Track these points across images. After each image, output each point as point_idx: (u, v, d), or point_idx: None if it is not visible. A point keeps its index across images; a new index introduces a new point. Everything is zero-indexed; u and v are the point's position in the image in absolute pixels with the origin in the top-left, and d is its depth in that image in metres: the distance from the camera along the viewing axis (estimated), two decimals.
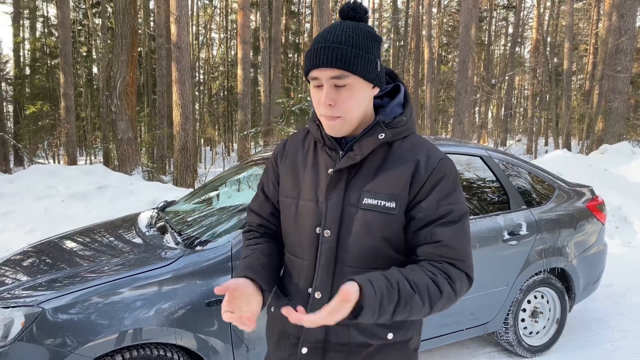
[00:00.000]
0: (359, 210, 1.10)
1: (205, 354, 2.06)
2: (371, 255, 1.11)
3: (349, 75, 1.03)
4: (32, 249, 2.68)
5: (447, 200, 1.09)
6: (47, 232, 4.74)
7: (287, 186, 1.21)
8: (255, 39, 20.93)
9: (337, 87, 1.05)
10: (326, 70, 1.03)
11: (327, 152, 1.16)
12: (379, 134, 1.10)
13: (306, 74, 1.09)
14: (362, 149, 1.10)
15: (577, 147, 18.94)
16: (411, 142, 1.14)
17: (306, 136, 1.25)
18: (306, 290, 1.16)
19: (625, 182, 7.04)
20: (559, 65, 20.53)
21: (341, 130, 1.09)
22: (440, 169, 1.10)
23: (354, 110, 1.07)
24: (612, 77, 11.65)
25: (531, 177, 3.23)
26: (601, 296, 3.98)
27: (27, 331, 1.80)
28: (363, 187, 1.10)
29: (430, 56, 20.67)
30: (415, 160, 1.10)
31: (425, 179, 1.09)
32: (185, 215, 2.90)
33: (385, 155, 1.12)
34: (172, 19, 8.81)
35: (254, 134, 13.23)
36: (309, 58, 1.06)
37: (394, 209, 1.09)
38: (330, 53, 1.02)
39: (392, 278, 0.99)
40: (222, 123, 27.85)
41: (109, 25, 17.03)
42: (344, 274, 1.11)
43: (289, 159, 1.24)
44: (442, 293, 1.03)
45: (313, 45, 1.06)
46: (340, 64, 1.02)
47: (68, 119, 13.47)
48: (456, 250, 1.08)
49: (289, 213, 1.19)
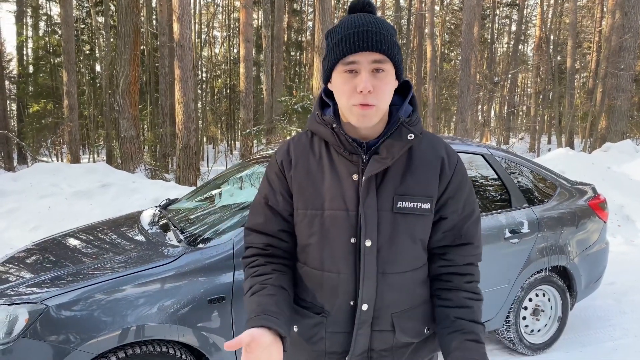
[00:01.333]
0: (393, 214, 1.07)
1: (208, 350, 2.07)
2: (409, 258, 1.11)
3: (388, 61, 1.01)
4: (35, 247, 2.70)
5: (470, 198, 1.14)
6: (50, 229, 4.77)
7: (306, 197, 1.11)
8: (258, 37, 20.94)
9: (373, 73, 1.00)
10: (369, 54, 0.99)
11: (346, 157, 1.08)
12: (406, 134, 1.07)
13: (337, 60, 1.02)
14: (392, 152, 1.06)
15: (580, 145, 18.88)
16: (428, 140, 1.14)
17: (312, 141, 1.15)
18: (348, 304, 1.10)
19: (628, 181, 7.02)
20: (562, 63, 20.48)
21: (372, 120, 1.03)
22: (460, 166, 1.13)
23: (387, 99, 1.04)
24: (616, 75, 11.61)
25: (533, 175, 3.23)
26: (603, 294, 3.98)
27: (30, 328, 1.82)
28: (394, 191, 1.07)
29: (433, 54, 20.63)
30: (440, 158, 1.11)
31: (450, 177, 1.11)
32: (188, 213, 2.91)
33: (408, 156, 1.10)
34: (175, 17, 8.82)
35: (256, 132, 13.25)
36: (346, 42, 1.00)
37: (429, 209, 1.09)
38: (373, 37, 0.99)
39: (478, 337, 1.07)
40: (225, 121, 27.87)
41: (111, 23, 17.06)
42: (386, 281, 1.09)
43: (300, 167, 1.12)
44: (481, 300, 1.15)
45: (347, 31, 1.00)
46: (383, 47, 0.99)
47: (71, 117, 13.51)
48: (480, 247, 1.17)
49: (314, 226, 1.10)
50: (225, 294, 2.07)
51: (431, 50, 20.52)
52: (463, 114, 12.30)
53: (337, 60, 1.02)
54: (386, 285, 1.09)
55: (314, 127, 1.13)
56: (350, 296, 1.09)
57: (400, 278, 1.10)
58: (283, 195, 1.14)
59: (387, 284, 1.09)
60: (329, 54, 1.04)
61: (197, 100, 18.88)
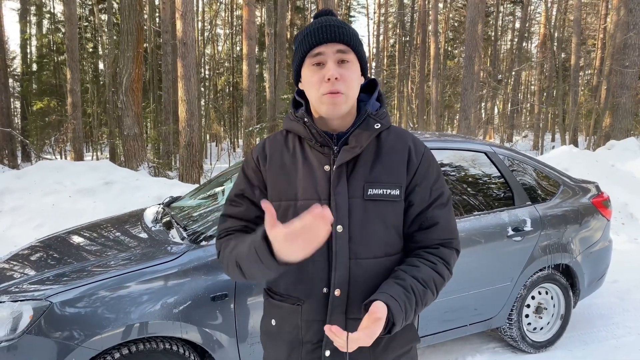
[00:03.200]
0: (365, 201, 1.12)
1: (211, 347, 2.08)
2: (381, 244, 1.14)
3: (351, 52, 1.11)
4: (39, 244, 2.71)
5: (437, 184, 1.19)
6: (54, 227, 4.79)
7: (279, 190, 1.17)
8: (261, 34, 20.91)
9: (339, 64, 1.09)
10: (334, 44, 1.08)
11: (318, 149, 1.15)
12: (373, 124, 1.15)
13: (304, 54, 1.11)
14: (360, 141, 1.13)
15: (584, 143, 18.82)
16: (395, 131, 1.21)
17: (286, 138, 1.23)
18: (322, 291, 1.13)
19: (633, 179, 6.99)
20: (567, 60, 20.38)
21: (342, 108, 1.11)
22: (427, 155, 1.19)
23: (354, 88, 1.12)
24: (620, 72, 11.55)
25: (536, 173, 3.22)
26: (606, 292, 3.97)
27: (35, 324, 1.83)
28: (364, 179, 1.13)
29: (437, 52, 20.55)
30: (407, 147, 1.18)
31: (417, 165, 1.16)
32: (191, 210, 2.92)
33: (377, 146, 1.17)
34: (178, 15, 8.82)
35: (259, 129, 13.25)
36: (311, 36, 1.10)
37: (399, 195, 1.14)
38: (336, 30, 1.09)
39: (405, 284, 1.07)
40: (228, 119, 27.89)
41: (114, 21, 17.10)
42: (358, 267, 1.12)
43: (274, 162, 1.19)
44: (444, 278, 1.15)
45: (311, 27, 1.11)
46: (347, 39, 1.09)
47: (75, 115, 13.55)
48: (449, 230, 1.19)
49: (288, 216, 1.13)
50: (227, 291, 2.08)
51: (434, 47, 20.44)
52: (466, 111, 12.26)
53: (305, 54, 1.11)
54: (359, 271, 1.12)
55: (288, 125, 1.22)
56: (324, 283, 1.13)
57: (374, 264, 1.13)
58: (260, 188, 1.22)
59: (360, 269, 1.12)
60: (297, 50, 1.14)
61: (200, 98, 18.89)
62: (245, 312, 2.13)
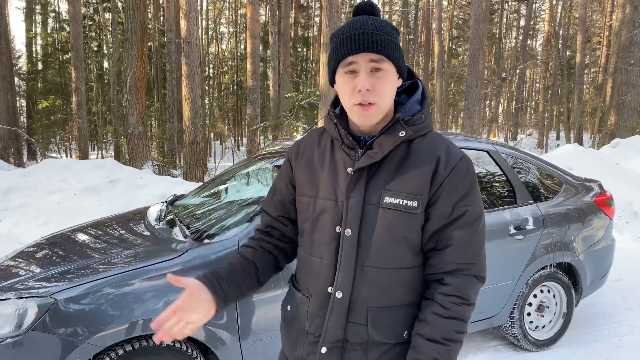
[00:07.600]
0: (379, 209, 1.09)
1: (213, 344, 2.10)
2: (391, 255, 1.10)
3: (386, 60, 1.06)
4: (45, 242, 2.74)
5: (464, 201, 1.09)
6: (59, 224, 4.82)
7: (304, 185, 1.20)
8: (265, 33, 20.91)
9: (372, 73, 1.06)
10: (366, 54, 1.05)
11: (345, 151, 1.14)
12: (399, 131, 1.10)
13: (337, 62, 1.08)
14: (383, 147, 1.09)
15: (588, 141, 18.73)
16: (430, 139, 1.14)
17: (322, 135, 1.24)
18: (326, 290, 1.14)
19: (637, 177, 6.95)
20: (572, 58, 20.29)
21: (374, 118, 1.09)
22: (460, 168, 1.10)
23: (387, 97, 1.09)
24: (625, 70, 11.49)
25: (539, 171, 3.22)
26: (609, 291, 3.96)
27: (40, 321, 1.86)
28: (384, 186, 1.09)
29: (441, 50, 20.50)
30: (436, 157, 1.10)
31: (444, 177, 1.08)
32: (194, 208, 2.94)
33: (405, 154, 1.11)
34: (182, 13, 8.85)
35: (263, 128, 13.28)
36: (344, 45, 1.06)
37: (416, 208, 1.08)
38: (369, 38, 1.05)
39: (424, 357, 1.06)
40: (232, 117, 27.91)
41: (119, 20, 17.14)
42: (364, 274, 1.11)
43: (304, 158, 1.22)
44: (464, 320, 1.09)
45: (345, 34, 1.07)
46: (379, 48, 1.05)
47: (80, 113, 13.61)
48: (468, 254, 1.10)
49: (307, 212, 1.18)
50: None
51: (438, 45, 20.39)
52: (470, 109, 12.22)
53: (337, 63, 1.09)
54: (364, 278, 1.11)
55: (325, 123, 1.21)
56: (329, 282, 1.14)
57: (379, 273, 1.10)
58: (286, 184, 1.26)
59: (364, 276, 1.11)
60: (331, 57, 1.11)
61: (204, 96, 18.95)
62: (248, 310, 2.15)
